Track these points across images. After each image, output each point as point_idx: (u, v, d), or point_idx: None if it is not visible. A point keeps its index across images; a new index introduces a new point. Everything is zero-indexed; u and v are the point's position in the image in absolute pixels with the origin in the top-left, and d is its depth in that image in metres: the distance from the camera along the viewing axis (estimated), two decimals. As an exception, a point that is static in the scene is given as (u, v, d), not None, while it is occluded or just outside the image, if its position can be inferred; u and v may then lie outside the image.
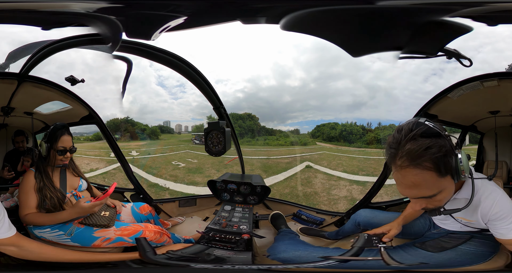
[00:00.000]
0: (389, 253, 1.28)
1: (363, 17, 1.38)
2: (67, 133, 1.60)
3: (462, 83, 1.56)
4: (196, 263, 1.41)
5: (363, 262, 1.30)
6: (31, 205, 1.47)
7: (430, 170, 0.90)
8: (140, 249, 1.40)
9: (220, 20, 1.45)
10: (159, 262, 1.37)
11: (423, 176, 0.91)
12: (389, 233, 1.38)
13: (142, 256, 1.39)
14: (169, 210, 2.26)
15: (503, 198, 1.08)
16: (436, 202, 1.00)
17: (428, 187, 0.93)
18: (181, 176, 2.58)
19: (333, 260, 1.31)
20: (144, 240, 1.44)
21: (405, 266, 1.28)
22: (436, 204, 1.02)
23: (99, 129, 2.01)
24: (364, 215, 1.66)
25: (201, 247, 1.56)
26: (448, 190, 0.99)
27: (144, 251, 1.39)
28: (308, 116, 2.38)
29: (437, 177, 0.92)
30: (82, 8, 1.36)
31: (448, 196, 1.02)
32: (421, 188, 0.93)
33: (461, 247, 1.28)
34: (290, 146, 2.61)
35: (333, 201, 2.33)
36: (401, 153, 0.91)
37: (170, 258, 1.40)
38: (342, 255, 1.32)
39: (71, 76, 1.72)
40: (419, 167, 0.90)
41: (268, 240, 1.79)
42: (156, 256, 1.39)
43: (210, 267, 1.38)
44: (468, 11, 1.23)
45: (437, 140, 0.91)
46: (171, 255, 1.42)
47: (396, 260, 1.26)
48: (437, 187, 0.94)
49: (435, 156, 0.89)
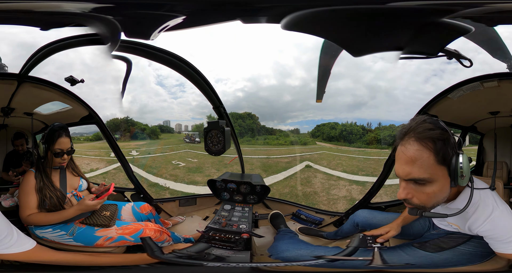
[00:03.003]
0: (383, 254, 1.28)
1: (364, 17, 1.37)
2: (65, 134, 1.57)
3: (462, 83, 1.55)
4: (196, 263, 1.42)
5: (359, 262, 1.31)
6: (32, 205, 1.48)
7: (429, 150, 0.94)
8: (147, 249, 1.42)
9: (220, 20, 1.44)
10: (167, 261, 1.38)
11: (421, 153, 0.94)
12: (387, 234, 1.39)
13: (150, 255, 1.40)
14: (170, 209, 2.27)
15: (501, 218, 1.03)
16: (423, 194, 0.98)
17: (422, 166, 0.94)
18: (181, 176, 2.59)
19: (336, 261, 1.32)
20: (150, 239, 1.46)
21: (402, 265, 1.29)
22: (422, 198, 0.98)
23: (99, 129, 2.01)
24: (362, 215, 1.66)
25: (205, 246, 1.57)
26: (439, 186, 0.97)
27: (152, 250, 1.40)
28: (308, 116, 2.38)
29: (433, 161, 0.94)
30: (80, 8, 1.36)
31: (437, 194, 0.98)
32: (416, 166, 0.95)
33: (460, 248, 1.28)
34: (290, 146, 2.61)
35: (332, 201, 2.34)
36: (410, 132, 0.97)
37: (179, 257, 1.41)
38: (337, 254, 1.33)
39: (70, 77, 1.72)
40: (421, 143, 0.94)
41: (267, 240, 1.80)
42: (164, 255, 1.40)
43: (209, 266, 1.39)
44: (468, 12, 1.22)
45: (443, 131, 0.97)
46: (178, 253, 1.44)
47: (391, 260, 1.27)
48: (429, 172, 0.95)
49: (437, 137, 0.94)
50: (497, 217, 1.03)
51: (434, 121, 0.99)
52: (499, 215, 1.04)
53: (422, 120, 0.99)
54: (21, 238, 1.21)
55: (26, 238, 1.24)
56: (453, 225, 1.22)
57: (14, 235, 1.19)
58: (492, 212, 1.04)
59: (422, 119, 0.99)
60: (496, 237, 1.06)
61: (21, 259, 1.24)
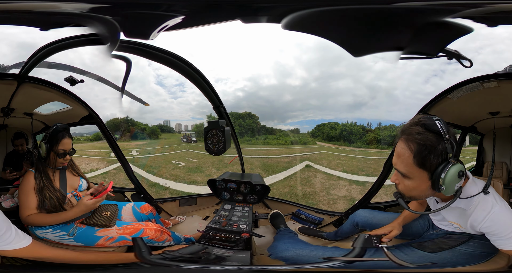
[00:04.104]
0: (393, 253, 1.29)
1: (365, 17, 1.37)
2: (68, 135, 1.59)
3: (462, 84, 1.55)
4: (196, 263, 1.43)
5: (363, 263, 1.31)
6: (32, 206, 1.49)
7: (411, 151, 1.05)
8: (136, 249, 1.41)
9: (219, 19, 1.44)
10: (154, 263, 1.37)
11: (404, 152, 1.06)
12: (390, 233, 1.40)
13: (137, 256, 1.40)
14: (170, 209, 2.27)
15: (500, 214, 1.09)
16: (403, 184, 1.12)
17: (403, 163, 1.07)
18: (181, 175, 2.59)
19: (336, 261, 1.32)
20: (141, 240, 1.46)
21: (401, 266, 1.29)
22: (402, 187, 1.13)
23: (99, 129, 2.01)
24: (362, 215, 1.67)
25: (198, 247, 1.57)
26: (414, 184, 1.09)
27: (140, 251, 1.40)
28: (309, 116, 2.37)
29: (411, 161, 1.05)
30: (79, 8, 1.35)
31: (412, 189, 1.11)
32: (399, 160, 1.08)
33: (459, 248, 1.29)
34: (290, 146, 2.61)
35: (332, 201, 2.34)
36: (404, 131, 1.08)
37: (165, 258, 1.40)
38: (345, 255, 1.33)
39: (70, 77, 1.72)
40: (405, 143, 1.06)
41: (267, 239, 1.80)
42: (151, 256, 1.39)
43: (209, 266, 1.39)
44: (468, 12, 1.22)
45: (432, 136, 1.03)
46: (166, 255, 1.42)
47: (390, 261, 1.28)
48: (408, 170, 1.07)
49: (421, 142, 1.03)
50: (496, 213, 1.09)
51: (428, 124, 1.04)
52: (499, 211, 1.09)
53: (415, 121, 1.07)
54: (19, 235, 1.23)
55: (23, 235, 1.25)
56: (454, 224, 1.26)
57: (12, 231, 1.20)
58: (491, 208, 1.09)
59: (416, 121, 1.07)
60: (497, 233, 1.11)
61: (21, 255, 1.25)
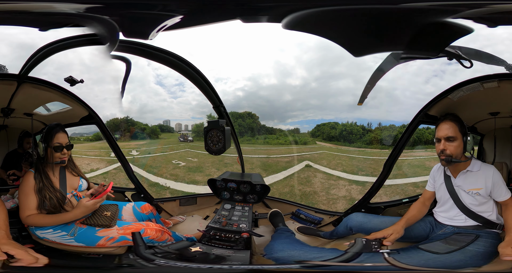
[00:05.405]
0: (395, 257, 1.27)
1: (366, 17, 1.36)
2: (62, 130, 1.62)
3: (462, 84, 1.55)
4: (196, 263, 1.43)
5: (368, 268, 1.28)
6: (32, 206, 1.49)
7: (456, 124, 1.53)
8: (134, 244, 1.43)
9: (219, 19, 1.43)
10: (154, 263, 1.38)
11: (452, 125, 1.53)
12: (390, 237, 1.38)
13: (134, 251, 1.42)
14: (170, 209, 2.28)
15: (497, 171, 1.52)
16: (451, 147, 1.52)
17: (453, 130, 1.52)
18: (181, 175, 2.59)
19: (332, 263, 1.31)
20: (139, 235, 1.46)
21: (405, 268, 1.26)
22: (451, 149, 1.52)
23: (99, 129, 2.01)
24: (356, 220, 1.64)
25: (187, 243, 1.58)
26: (459, 144, 1.53)
27: (137, 245, 1.42)
28: (309, 115, 2.37)
29: (457, 129, 1.53)
30: (78, 9, 1.35)
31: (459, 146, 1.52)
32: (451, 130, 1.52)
33: (469, 248, 1.28)
34: (290, 145, 2.61)
35: (332, 201, 2.34)
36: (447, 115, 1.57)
37: (156, 253, 1.40)
38: (340, 260, 1.31)
39: (70, 77, 1.72)
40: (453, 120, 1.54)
41: (266, 239, 1.81)
42: (146, 251, 1.40)
43: (209, 266, 1.39)
44: (469, 13, 1.22)
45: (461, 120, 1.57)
46: (158, 250, 1.43)
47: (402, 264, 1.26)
48: (456, 134, 1.53)
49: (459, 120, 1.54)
50: (495, 171, 1.50)
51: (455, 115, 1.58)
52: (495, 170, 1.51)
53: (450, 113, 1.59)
54: None
55: None
56: (474, 191, 1.51)
57: None
58: (491, 167, 1.52)
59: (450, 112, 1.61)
60: (501, 184, 1.47)
61: None
